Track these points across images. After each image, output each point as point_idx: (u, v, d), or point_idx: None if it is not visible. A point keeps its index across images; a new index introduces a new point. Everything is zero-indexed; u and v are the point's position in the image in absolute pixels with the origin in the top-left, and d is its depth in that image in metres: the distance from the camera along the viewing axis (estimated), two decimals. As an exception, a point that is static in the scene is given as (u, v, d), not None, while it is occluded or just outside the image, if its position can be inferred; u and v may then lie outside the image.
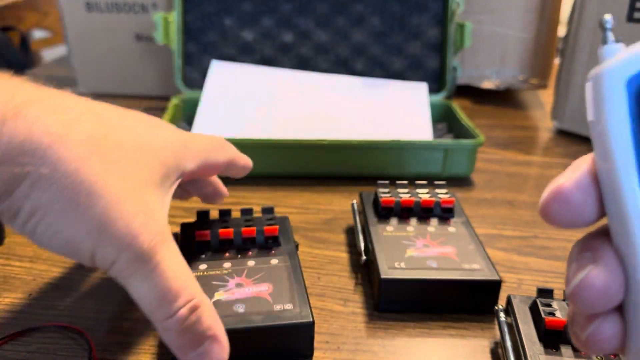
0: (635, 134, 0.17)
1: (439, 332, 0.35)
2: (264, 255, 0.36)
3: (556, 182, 0.19)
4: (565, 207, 0.19)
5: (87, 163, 0.24)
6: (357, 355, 0.33)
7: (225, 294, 0.32)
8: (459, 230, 0.41)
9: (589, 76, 0.18)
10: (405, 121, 0.62)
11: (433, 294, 0.36)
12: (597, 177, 0.18)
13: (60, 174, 0.23)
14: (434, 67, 0.69)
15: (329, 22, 0.69)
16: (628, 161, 0.17)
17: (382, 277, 0.35)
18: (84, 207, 0.24)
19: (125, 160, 0.26)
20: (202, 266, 0.35)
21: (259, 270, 0.34)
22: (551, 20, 0.77)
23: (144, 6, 0.75)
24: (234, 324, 0.30)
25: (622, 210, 0.18)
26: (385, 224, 0.41)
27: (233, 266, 0.35)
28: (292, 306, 0.31)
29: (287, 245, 0.37)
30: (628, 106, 0.17)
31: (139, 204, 0.25)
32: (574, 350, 0.30)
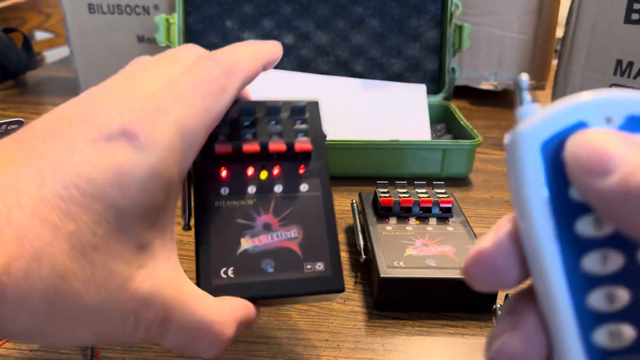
0: (551, 196, 0.17)
1: (438, 331, 0.35)
2: (292, 176, 0.30)
3: (478, 246, 0.19)
4: (486, 271, 0.19)
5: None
6: (357, 353, 0.33)
7: (251, 241, 0.29)
8: (457, 230, 0.41)
9: (506, 137, 0.18)
10: (404, 122, 0.63)
11: (432, 293, 0.37)
12: (519, 237, 0.18)
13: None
14: (433, 69, 0.70)
15: (329, 24, 0.69)
16: (545, 222, 0.17)
17: (381, 276, 0.36)
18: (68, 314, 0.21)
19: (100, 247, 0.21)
20: (224, 190, 0.30)
21: (287, 203, 0.30)
22: (549, 22, 0.78)
23: (145, 8, 0.76)
24: (261, 291, 0.28)
25: (541, 271, 0.17)
26: (385, 223, 0.42)
27: (258, 192, 0.30)
28: (323, 266, 0.29)
29: (318, 151, 0.31)
30: (543, 169, 0.17)
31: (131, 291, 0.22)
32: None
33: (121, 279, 0.22)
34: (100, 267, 0.21)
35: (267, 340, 0.34)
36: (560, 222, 0.17)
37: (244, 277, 0.28)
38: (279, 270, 0.28)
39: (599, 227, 0.17)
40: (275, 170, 0.30)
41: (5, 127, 0.43)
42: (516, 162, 0.17)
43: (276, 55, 0.30)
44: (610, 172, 0.16)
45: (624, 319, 0.17)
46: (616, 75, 0.65)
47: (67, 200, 0.20)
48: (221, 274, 0.28)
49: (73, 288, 0.20)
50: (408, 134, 0.61)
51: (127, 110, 0.22)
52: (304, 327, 0.35)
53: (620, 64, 0.64)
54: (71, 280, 0.20)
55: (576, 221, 0.17)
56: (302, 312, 0.36)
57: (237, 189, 0.30)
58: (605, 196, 0.16)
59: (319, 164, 0.31)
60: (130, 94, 0.23)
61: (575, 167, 0.17)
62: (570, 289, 0.17)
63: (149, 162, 0.22)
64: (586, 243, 0.17)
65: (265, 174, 0.30)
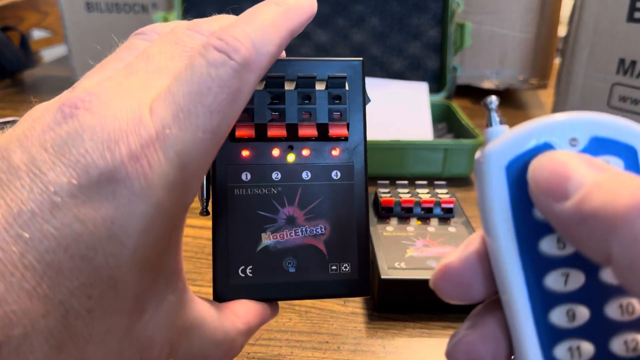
0: (515, 216, 0.18)
1: (438, 332, 0.35)
2: (323, 160, 0.27)
3: (445, 260, 0.19)
4: (452, 285, 0.19)
5: None
6: (357, 355, 0.33)
7: (273, 237, 0.26)
8: (459, 231, 0.41)
9: (476, 155, 0.19)
10: (406, 121, 0.62)
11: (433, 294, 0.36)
12: (487, 253, 0.19)
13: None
14: (434, 68, 0.69)
15: (329, 22, 0.69)
16: (509, 241, 0.18)
17: (382, 277, 0.35)
18: None
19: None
20: (245, 175, 0.26)
21: (316, 193, 0.26)
22: (551, 20, 0.78)
23: (144, 6, 0.76)
24: (281, 293, 0.26)
25: (506, 287, 0.18)
26: (385, 224, 0.41)
27: (282, 180, 0.26)
28: (350, 268, 0.26)
29: (355, 126, 0.27)
30: (507, 189, 0.18)
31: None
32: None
33: (121, 330, 0.20)
34: (98, 326, 0.19)
35: (267, 342, 0.33)
36: (524, 241, 0.18)
37: (263, 277, 0.26)
38: (301, 270, 0.26)
39: (561, 247, 0.18)
40: (305, 151, 0.27)
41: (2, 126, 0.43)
42: (483, 181, 0.18)
43: (310, 11, 0.24)
44: (567, 195, 0.16)
45: (583, 335, 0.18)
46: (619, 74, 0.64)
47: (55, 266, 0.17)
48: (239, 272, 0.26)
49: (72, 355, 0.18)
50: (409, 132, 0.60)
51: (120, 140, 0.18)
52: (304, 329, 0.34)
53: (622, 63, 0.64)
54: (69, 349, 0.18)
55: (540, 240, 0.18)
56: (302, 314, 0.36)
57: (260, 175, 0.26)
58: (562, 219, 0.16)
59: (356, 142, 0.27)
60: (124, 110, 0.19)
61: (535, 189, 0.17)
62: (533, 305, 0.18)
63: (146, 210, 0.18)
64: (549, 261, 0.18)
65: (293, 157, 0.26)
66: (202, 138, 0.19)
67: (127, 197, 0.18)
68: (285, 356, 0.32)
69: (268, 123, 0.26)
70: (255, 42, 0.21)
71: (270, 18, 0.22)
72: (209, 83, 0.20)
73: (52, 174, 0.17)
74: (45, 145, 0.18)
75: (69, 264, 0.17)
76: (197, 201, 0.26)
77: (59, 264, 0.17)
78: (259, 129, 0.26)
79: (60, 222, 0.17)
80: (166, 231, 0.20)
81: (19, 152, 0.18)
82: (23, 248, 0.17)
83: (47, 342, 0.17)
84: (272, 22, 0.22)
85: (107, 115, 0.19)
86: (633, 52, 0.62)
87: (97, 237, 0.18)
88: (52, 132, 0.18)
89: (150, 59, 0.21)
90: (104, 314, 0.19)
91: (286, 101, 0.26)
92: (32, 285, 0.17)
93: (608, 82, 0.65)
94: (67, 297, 0.18)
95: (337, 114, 0.27)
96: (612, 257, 0.15)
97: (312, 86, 0.26)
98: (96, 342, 0.19)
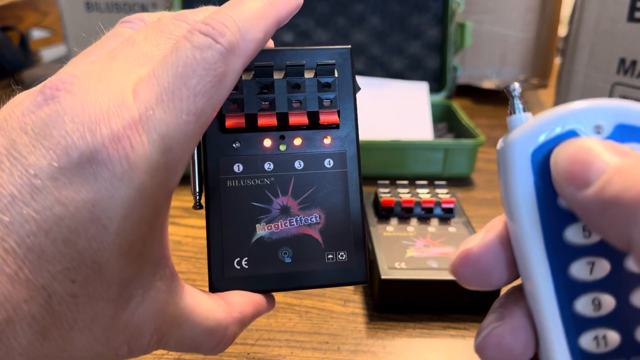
0: (540, 204, 0.17)
1: (439, 333, 0.35)
2: (315, 149, 0.27)
3: (466, 245, 0.19)
4: (472, 271, 0.19)
5: None
6: (357, 355, 0.32)
7: (268, 228, 0.26)
8: (459, 231, 0.40)
9: (499, 144, 0.18)
10: (406, 121, 0.62)
11: (433, 294, 0.36)
12: (509, 239, 0.19)
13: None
14: (434, 67, 0.69)
15: (329, 22, 0.69)
16: (534, 229, 0.17)
17: (382, 277, 0.35)
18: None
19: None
20: (237, 167, 0.26)
21: (309, 181, 0.26)
22: (551, 20, 0.77)
23: (143, 6, 0.75)
24: (278, 284, 0.26)
25: (530, 275, 0.18)
26: (386, 224, 0.41)
27: (275, 170, 0.26)
28: (346, 256, 0.26)
29: (346, 115, 0.27)
30: (533, 177, 0.17)
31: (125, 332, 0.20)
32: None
33: (107, 317, 0.19)
34: (83, 312, 0.19)
35: (267, 343, 0.33)
36: (549, 229, 0.17)
37: (259, 268, 0.26)
38: (297, 260, 0.26)
39: (587, 235, 0.17)
40: (296, 141, 0.26)
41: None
42: (507, 169, 0.18)
43: (297, 2, 0.24)
44: (589, 182, 0.16)
45: (609, 324, 0.18)
46: (619, 74, 0.64)
47: (37, 250, 0.17)
48: (235, 264, 0.26)
49: (56, 341, 0.18)
50: (410, 132, 0.60)
51: (101, 121, 0.18)
52: (304, 330, 0.34)
53: (623, 63, 0.63)
54: (53, 335, 0.18)
55: (565, 229, 0.17)
56: (302, 314, 0.36)
57: (253, 166, 0.26)
58: (585, 207, 0.16)
59: (347, 130, 0.27)
60: (107, 93, 0.19)
61: (557, 177, 0.17)
62: (558, 294, 0.18)
63: (128, 193, 0.18)
64: (574, 250, 0.17)
65: (285, 146, 0.26)
66: (186, 120, 0.19)
67: (108, 180, 0.18)
68: (285, 356, 0.32)
69: (258, 113, 0.26)
70: (241, 28, 0.21)
71: (257, 6, 0.22)
72: (194, 66, 0.19)
73: (33, 157, 0.17)
74: (25, 129, 0.18)
75: (50, 248, 0.17)
76: (191, 196, 0.26)
77: (41, 247, 0.17)
78: (249, 119, 0.26)
79: (41, 205, 0.17)
80: (149, 216, 0.19)
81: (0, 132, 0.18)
82: (3, 232, 0.17)
83: (30, 327, 0.17)
84: (259, 9, 0.22)
85: (88, 98, 0.18)
86: (633, 51, 0.62)
87: (79, 220, 0.17)
88: (33, 114, 0.18)
89: (135, 45, 0.21)
90: (89, 300, 0.19)
91: (275, 90, 0.26)
92: (14, 269, 0.17)
93: (608, 81, 0.65)
94: (49, 281, 0.17)
95: (327, 102, 0.26)
96: (632, 244, 0.15)
97: (301, 74, 0.26)
98: (81, 329, 0.19)
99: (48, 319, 0.18)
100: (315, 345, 0.33)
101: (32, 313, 0.17)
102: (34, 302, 0.17)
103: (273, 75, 0.26)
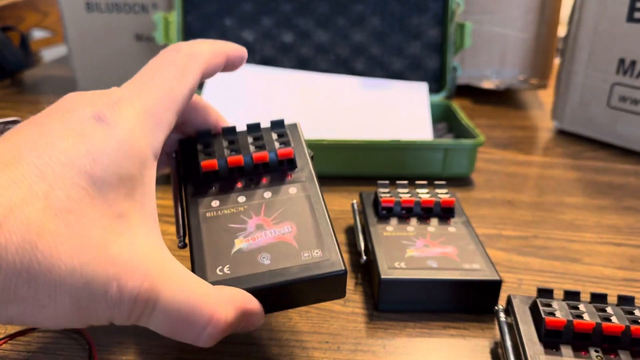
0: None
1: (439, 332, 0.35)
2: (279, 183, 0.32)
3: None
4: None
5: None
6: (357, 355, 0.33)
7: (245, 241, 0.29)
8: (459, 230, 0.41)
9: None
10: (406, 121, 0.62)
11: (433, 294, 0.36)
12: None
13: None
14: (434, 67, 0.69)
15: (329, 22, 0.69)
16: None
17: (382, 277, 0.35)
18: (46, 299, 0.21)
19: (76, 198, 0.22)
20: (214, 203, 0.31)
21: (278, 205, 0.31)
22: (551, 20, 0.78)
23: (144, 6, 0.75)
24: (260, 281, 0.27)
25: None
26: (385, 224, 0.41)
27: (248, 200, 0.31)
28: (321, 251, 0.29)
29: (302, 161, 0.33)
30: None
31: (108, 257, 0.22)
32: (574, 350, 0.30)
33: (98, 242, 0.22)
34: (76, 230, 0.21)
35: (267, 342, 0.33)
36: None
37: (240, 271, 0.28)
38: (275, 260, 0.28)
39: None
40: (263, 181, 0.32)
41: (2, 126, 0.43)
42: None
43: (239, 54, 0.32)
44: None
45: None
46: (619, 74, 0.64)
47: (42, 166, 0.21)
48: (217, 271, 0.28)
49: (49, 246, 0.20)
50: (409, 133, 0.60)
51: (97, 102, 0.25)
52: (303, 329, 0.34)
53: (622, 63, 0.64)
54: (47, 238, 0.20)
55: None
56: (302, 314, 0.36)
57: (228, 200, 0.31)
58: None
59: (306, 172, 0.32)
60: (99, 94, 0.25)
61: None
62: None
63: (117, 135, 0.24)
64: None
65: (254, 185, 0.32)
66: (159, 95, 0.26)
67: (104, 128, 0.24)
68: (285, 356, 0.32)
69: (227, 157, 0.32)
70: (197, 48, 0.29)
71: (210, 42, 0.31)
72: (162, 63, 0.28)
73: (48, 120, 0.24)
74: (47, 112, 0.26)
75: (53, 167, 0.22)
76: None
77: (45, 165, 0.21)
78: (220, 161, 0.32)
79: (49, 141, 0.23)
80: (136, 159, 0.24)
81: (27, 120, 0.25)
82: (16, 154, 0.22)
83: (27, 224, 0.20)
84: (210, 44, 0.31)
85: (88, 96, 0.26)
86: (633, 51, 0.62)
87: (78, 151, 0.23)
88: (55, 106, 0.26)
89: None
90: (82, 220, 0.22)
91: (240, 141, 0.33)
92: (18, 176, 0.21)
93: (608, 82, 0.65)
94: (48, 191, 0.21)
95: (283, 144, 0.33)
96: None
97: (259, 130, 0.34)
98: (74, 247, 0.21)
99: (44, 222, 0.20)
100: (315, 345, 0.33)
101: (30, 212, 0.20)
102: (33, 205, 0.20)
103: (237, 134, 0.33)
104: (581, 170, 0.61)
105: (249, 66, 0.68)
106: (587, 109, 0.68)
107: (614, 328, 0.30)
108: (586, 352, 0.30)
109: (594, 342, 0.30)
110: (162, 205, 0.50)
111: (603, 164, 0.62)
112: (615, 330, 0.30)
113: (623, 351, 0.30)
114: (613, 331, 0.30)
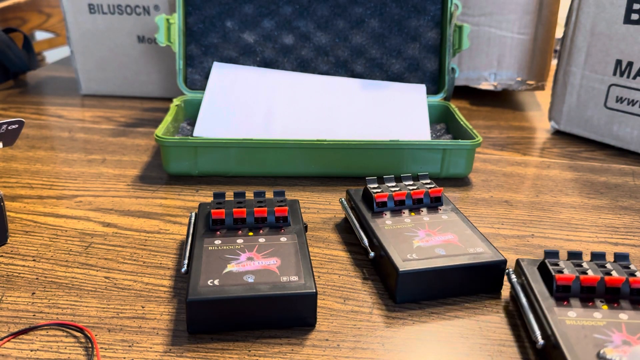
0: None
1: (437, 330, 0.35)
2: (274, 234, 0.40)
3: None
4: None
5: None
6: (357, 352, 0.33)
7: (236, 266, 0.36)
8: (450, 217, 0.43)
9: None
10: (404, 122, 0.63)
11: (447, 281, 0.38)
12: None
13: None
14: (433, 69, 0.70)
15: (329, 24, 0.70)
16: None
17: (400, 270, 0.36)
18: None
19: None
20: (217, 241, 0.38)
21: (269, 246, 0.38)
22: (548, 22, 0.78)
23: (146, 8, 0.76)
24: (243, 292, 0.33)
25: None
26: (382, 218, 0.42)
27: (245, 242, 0.38)
28: (298, 278, 0.35)
29: (296, 226, 0.41)
30: None
31: None
32: (582, 301, 0.33)
33: None
34: None
35: (268, 340, 0.34)
36: None
37: (227, 283, 0.34)
38: (258, 280, 0.34)
39: None
40: (260, 231, 0.40)
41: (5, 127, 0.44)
42: None
43: None
44: None
45: None
46: (616, 75, 0.65)
47: None
48: (208, 282, 0.34)
49: None
50: (408, 134, 0.61)
51: None
52: (304, 327, 0.35)
53: (619, 64, 0.64)
54: None
55: None
56: (301, 312, 0.36)
57: (228, 241, 0.39)
58: None
59: (297, 229, 0.40)
60: None
61: None
62: None
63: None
64: None
65: (252, 233, 0.40)
66: None
67: None
68: (286, 353, 0.33)
69: (234, 209, 0.40)
70: None
71: None
72: None
73: None
74: None
75: None
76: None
77: None
78: (227, 212, 0.40)
79: None
80: None
81: None
82: None
83: None
84: None
85: None
86: (630, 53, 0.63)
87: None
88: None
89: None
90: None
91: (247, 202, 0.42)
92: None
93: (605, 83, 0.66)
94: None
95: (280, 205, 0.41)
96: None
97: (263, 195, 0.43)
98: None
99: None
100: (315, 343, 0.34)
101: None
102: None
103: (245, 196, 0.43)
104: (578, 170, 0.61)
105: (250, 68, 0.69)
106: (584, 109, 0.69)
107: (615, 280, 0.34)
108: (592, 303, 0.33)
109: (598, 294, 0.34)
110: (165, 205, 0.51)
111: (600, 164, 0.63)
112: (616, 282, 0.34)
113: (624, 300, 0.34)
114: (615, 283, 0.34)
